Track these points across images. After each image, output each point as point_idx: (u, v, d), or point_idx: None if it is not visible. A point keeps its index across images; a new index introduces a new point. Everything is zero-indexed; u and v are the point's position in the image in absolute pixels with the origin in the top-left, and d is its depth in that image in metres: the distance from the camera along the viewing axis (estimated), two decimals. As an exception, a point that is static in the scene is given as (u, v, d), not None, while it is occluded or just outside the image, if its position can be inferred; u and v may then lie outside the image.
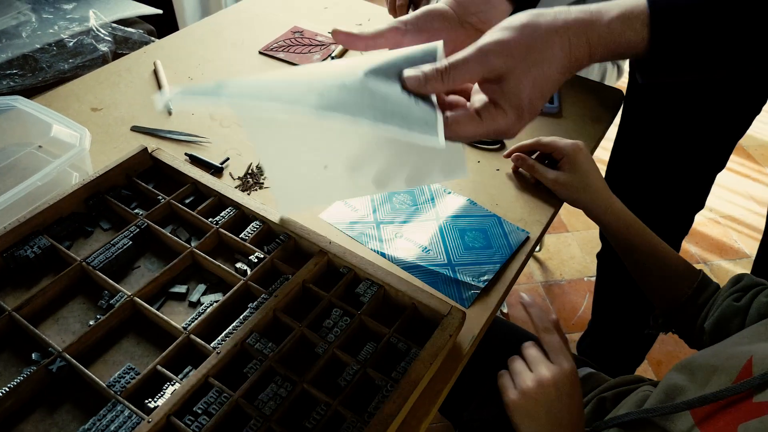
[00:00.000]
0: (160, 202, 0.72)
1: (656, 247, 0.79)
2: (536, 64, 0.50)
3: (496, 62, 0.50)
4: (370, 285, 0.65)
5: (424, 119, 0.50)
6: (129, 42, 1.77)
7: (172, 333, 0.60)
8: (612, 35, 0.51)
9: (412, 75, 0.51)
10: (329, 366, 0.59)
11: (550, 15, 0.51)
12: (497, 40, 0.50)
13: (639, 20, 0.51)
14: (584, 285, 1.83)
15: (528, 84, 0.50)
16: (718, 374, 0.58)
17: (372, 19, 1.19)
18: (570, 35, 0.50)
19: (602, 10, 0.51)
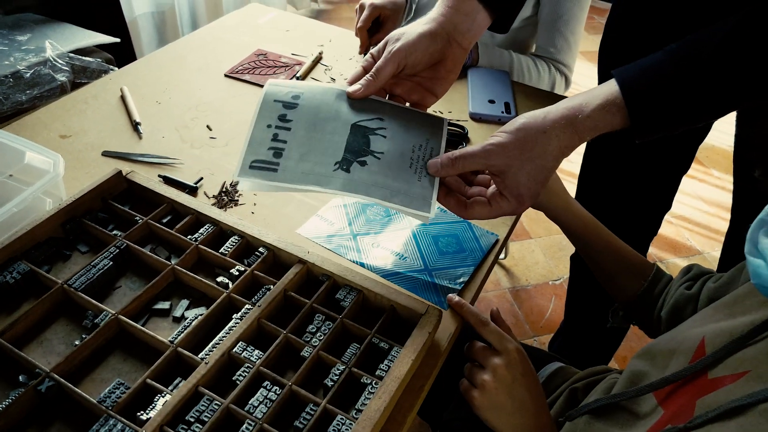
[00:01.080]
0: (137, 223, 0.74)
1: (612, 244, 0.84)
2: (530, 160, 0.62)
3: (496, 161, 0.62)
4: (349, 290, 0.68)
5: (423, 195, 0.64)
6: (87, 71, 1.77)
7: (159, 347, 0.61)
8: (595, 122, 0.62)
9: (432, 162, 0.65)
10: (315, 368, 0.61)
11: (540, 116, 0.63)
12: (497, 142, 0.62)
13: (616, 105, 0.61)
14: (549, 289, 1.89)
15: (524, 177, 0.62)
16: (676, 356, 0.62)
17: (333, 41, 1.23)
18: (558, 131, 0.62)
19: (583, 104, 0.62)
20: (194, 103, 1.02)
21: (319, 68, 1.14)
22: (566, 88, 1.33)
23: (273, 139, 0.66)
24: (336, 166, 0.65)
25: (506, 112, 1.04)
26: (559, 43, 1.25)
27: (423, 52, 0.69)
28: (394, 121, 0.69)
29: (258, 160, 0.64)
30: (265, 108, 0.68)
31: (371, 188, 0.63)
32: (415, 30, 0.69)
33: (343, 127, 0.68)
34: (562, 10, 1.22)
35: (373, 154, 0.66)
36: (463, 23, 0.71)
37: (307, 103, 0.69)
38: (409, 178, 0.65)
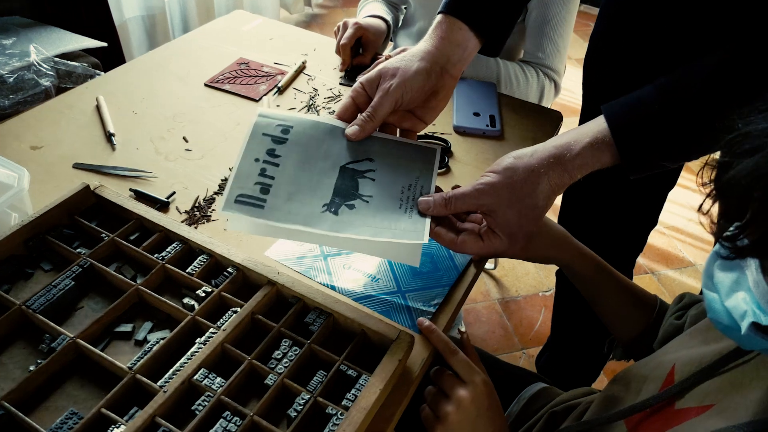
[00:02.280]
0: (103, 240, 0.71)
1: (621, 284, 0.80)
2: (519, 199, 0.62)
3: (486, 201, 0.63)
4: (319, 314, 0.65)
5: (414, 227, 0.64)
6: (73, 76, 1.75)
7: (118, 374, 0.59)
8: (584, 160, 0.62)
9: (423, 200, 0.65)
10: (279, 397, 0.59)
11: (527, 155, 0.63)
12: (487, 182, 0.63)
13: (605, 143, 0.62)
14: (539, 300, 1.87)
15: (514, 216, 0.62)
16: (647, 383, 0.60)
17: (318, 49, 1.21)
18: (547, 170, 0.62)
19: (571, 142, 0.63)
20: (171, 114, 0.99)
21: (302, 78, 1.12)
22: (556, 93, 1.31)
23: (260, 174, 0.65)
24: (324, 207, 0.64)
25: (491, 125, 1.02)
26: (548, 47, 1.23)
27: (418, 89, 0.69)
28: (383, 160, 0.69)
29: (244, 195, 0.63)
30: (254, 141, 0.67)
31: (360, 228, 0.63)
32: (410, 67, 0.68)
33: (332, 168, 0.67)
34: (550, 14, 1.20)
35: (361, 197, 0.66)
36: (455, 54, 0.71)
37: (297, 138, 0.68)
38: (398, 216, 0.65)
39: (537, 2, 1.19)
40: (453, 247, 0.67)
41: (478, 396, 0.62)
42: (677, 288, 1.95)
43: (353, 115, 0.70)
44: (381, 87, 0.68)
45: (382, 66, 0.70)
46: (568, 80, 1.57)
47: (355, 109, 0.70)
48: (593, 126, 0.64)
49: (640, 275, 1.97)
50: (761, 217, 0.38)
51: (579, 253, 0.79)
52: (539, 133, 1.04)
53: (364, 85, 0.70)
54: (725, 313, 0.45)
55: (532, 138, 1.02)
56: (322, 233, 0.62)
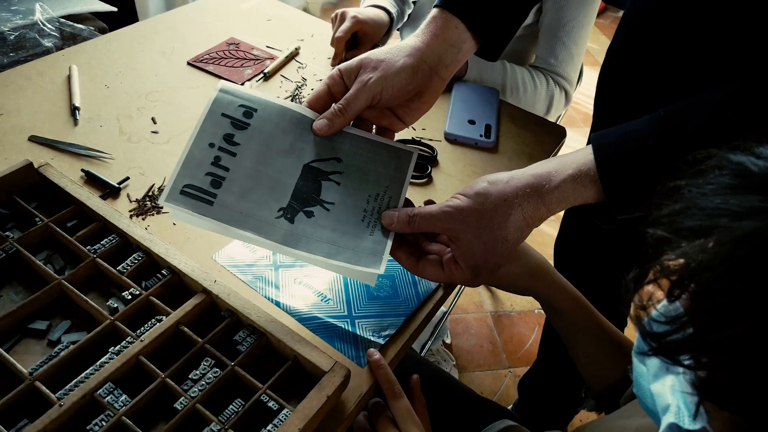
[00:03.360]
0: (36, 224, 0.66)
1: (600, 326, 0.72)
2: (486, 229, 0.55)
3: (451, 225, 0.55)
4: (251, 332, 0.59)
5: (373, 250, 0.57)
6: (77, 39, 1.70)
7: (16, 379, 0.53)
8: (565, 194, 0.55)
9: (388, 215, 0.59)
10: (187, 424, 0.53)
11: (503, 181, 0.56)
12: (456, 205, 0.55)
13: (588, 177, 0.54)
14: (534, 317, 1.79)
15: (480, 247, 0.55)
16: None
17: (315, 36, 1.14)
18: (521, 201, 0.55)
19: (552, 172, 0.55)
20: (146, 91, 0.93)
21: (293, 65, 1.05)
22: (566, 104, 1.22)
23: (213, 163, 0.57)
24: (280, 213, 0.57)
25: (485, 135, 0.94)
26: (561, 53, 1.14)
27: (400, 88, 0.61)
28: (352, 162, 0.61)
29: (192, 186, 0.56)
30: (211, 121, 0.59)
31: (315, 244, 0.57)
32: (394, 61, 0.61)
33: (294, 165, 0.60)
34: (566, 18, 1.11)
35: (322, 204, 0.59)
36: (447, 54, 0.63)
37: (260, 125, 0.60)
38: (359, 232, 0.58)
39: (552, 4, 1.10)
40: (413, 271, 0.60)
41: None
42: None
43: (326, 106, 0.62)
44: (359, 79, 0.61)
45: (365, 56, 0.62)
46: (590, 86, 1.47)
47: (329, 99, 0.63)
48: (579, 156, 0.56)
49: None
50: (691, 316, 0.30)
51: (558, 287, 0.72)
52: (538, 148, 0.96)
53: (342, 73, 0.62)
54: (648, 395, 0.37)
55: (528, 154, 0.94)
56: (273, 244, 0.56)
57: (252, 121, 0.59)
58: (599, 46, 3.24)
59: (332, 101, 0.62)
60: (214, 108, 0.59)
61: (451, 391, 0.91)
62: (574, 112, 2.72)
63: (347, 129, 0.62)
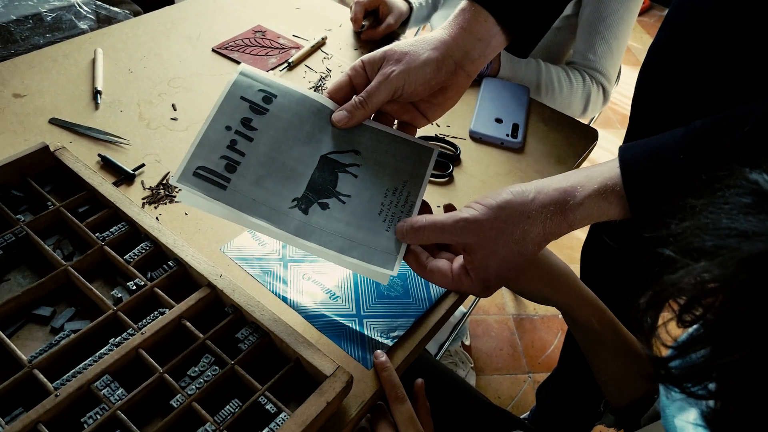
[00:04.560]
0: (48, 209, 0.66)
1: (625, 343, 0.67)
2: (506, 245, 0.52)
3: (468, 238, 0.52)
4: (253, 330, 0.58)
5: (387, 248, 0.55)
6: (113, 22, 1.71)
7: (14, 366, 0.53)
8: (589, 211, 0.51)
9: (398, 226, 0.56)
10: (182, 422, 0.52)
11: (529, 196, 0.52)
12: (473, 218, 0.52)
13: (615, 193, 0.50)
14: (557, 323, 1.74)
15: (495, 263, 0.52)
16: None
17: (343, 25, 1.11)
18: (544, 218, 0.52)
19: (577, 187, 0.52)
20: (169, 77, 0.93)
21: (318, 55, 1.03)
22: (605, 102, 1.17)
23: (230, 147, 0.56)
24: (294, 203, 0.55)
25: (512, 135, 0.90)
26: (600, 48, 1.09)
27: (424, 82, 0.59)
28: (371, 155, 0.59)
29: (205, 168, 0.54)
30: (229, 104, 0.57)
31: (328, 237, 0.55)
32: (419, 54, 0.58)
33: (311, 156, 0.58)
34: (607, 11, 1.06)
35: (338, 196, 0.57)
36: (474, 49, 0.60)
37: (279, 111, 0.58)
38: (375, 227, 0.56)
39: None
40: (421, 273, 0.57)
41: None
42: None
43: (347, 97, 0.60)
44: (382, 71, 0.58)
45: (389, 47, 0.60)
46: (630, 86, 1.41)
47: (350, 90, 0.61)
48: (605, 170, 0.52)
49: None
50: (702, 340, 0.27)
51: (581, 299, 0.68)
52: (568, 151, 0.91)
53: (365, 64, 0.60)
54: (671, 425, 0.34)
55: (557, 156, 0.90)
56: (285, 234, 0.54)
57: (271, 106, 0.58)
58: (642, 45, 3.13)
59: (353, 93, 0.59)
60: (234, 90, 0.57)
61: (463, 397, 0.89)
62: (611, 113, 2.64)
63: (367, 122, 0.60)
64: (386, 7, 1.07)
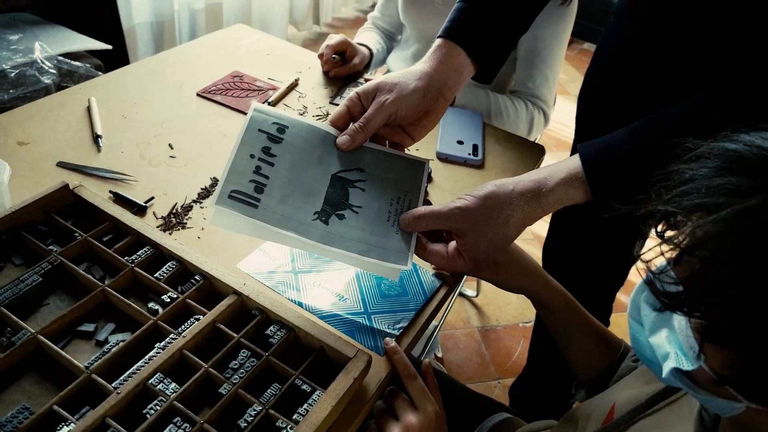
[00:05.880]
0: (76, 239, 0.72)
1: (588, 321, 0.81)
2: (492, 228, 0.64)
3: (460, 224, 0.64)
4: (280, 327, 0.66)
5: (399, 248, 0.66)
6: (74, 76, 1.77)
7: (74, 372, 0.59)
8: (559, 196, 0.64)
9: (402, 218, 0.67)
10: (232, 407, 0.59)
11: (509, 186, 0.65)
12: (464, 206, 0.64)
13: (578, 180, 0.64)
14: (519, 331, 1.87)
15: (484, 243, 0.64)
16: (591, 421, 0.61)
17: (312, 68, 1.23)
18: (523, 203, 0.65)
19: (548, 177, 0.65)
20: (161, 120, 1.01)
21: (294, 95, 1.14)
22: (546, 123, 1.34)
23: (255, 172, 0.65)
24: (315, 216, 0.65)
25: (473, 154, 1.04)
26: (538, 78, 1.26)
27: (413, 108, 0.70)
28: (373, 171, 0.70)
29: (238, 191, 0.63)
30: (250, 135, 0.67)
31: (349, 242, 0.64)
32: (407, 84, 0.70)
33: (324, 175, 0.68)
34: (540, 46, 1.23)
35: (351, 207, 0.67)
36: (451, 78, 0.73)
37: (292, 139, 0.68)
38: (386, 231, 0.67)
39: (528, 35, 1.22)
40: (422, 256, 0.68)
41: (426, 424, 0.62)
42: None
43: (346, 124, 0.71)
44: (377, 99, 0.69)
45: (380, 80, 0.71)
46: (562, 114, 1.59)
47: (349, 118, 0.71)
48: (569, 163, 0.66)
49: (620, 312, 1.98)
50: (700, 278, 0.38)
51: (549, 287, 0.80)
52: (520, 165, 1.05)
53: (360, 96, 0.71)
54: (648, 348, 0.46)
55: (513, 170, 1.04)
56: (312, 243, 0.63)
57: (285, 136, 0.68)
58: (568, 77, 3.42)
59: (351, 120, 0.70)
60: (252, 124, 0.67)
61: (450, 388, 0.98)
62: (547, 138, 2.86)
63: (366, 144, 0.71)
64: (352, 49, 1.21)
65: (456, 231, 0.64)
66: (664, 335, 0.46)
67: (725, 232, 0.38)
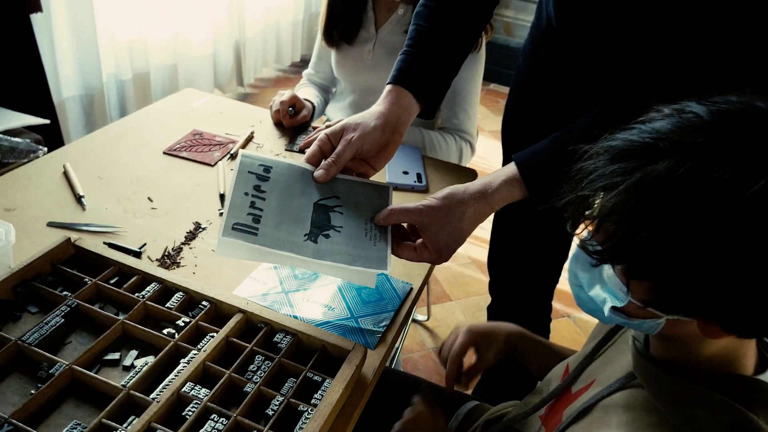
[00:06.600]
0: (86, 284, 0.80)
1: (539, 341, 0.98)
2: (450, 222, 0.79)
3: (424, 218, 0.79)
4: (285, 334, 0.77)
5: (379, 256, 0.78)
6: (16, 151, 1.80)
7: (112, 392, 0.67)
8: (502, 194, 0.80)
9: (379, 215, 0.81)
10: (258, 401, 0.69)
11: (462, 189, 0.81)
12: (428, 204, 0.79)
13: (516, 180, 0.80)
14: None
15: (444, 235, 0.78)
16: (551, 383, 0.76)
17: (263, 121, 1.37)
18: (473, 202, 0.80)
19: (492, 181, 0.81)
20: (135, 178, 1.10)
21: (252, 145, 1.26)
22: (472, 153, 1.53)
23: (251, 206, 0.77)
24: (305, 237, 0.77)
25: (418, 181, 1.20)
26: (461, 115, 1.46)
27: (375, 142, 0.85)
28: (347, 197, 0.83)
29: (240, 223, 0.75)
30: (241, 178, 0.80)
31: (336, 255, 0.77)
32: (368, 123, 0.85)
33: (308, 204, 0.81)
34: (459, 87, 1.43)
35: (334, 228, 0.80)
36: (402, 116, 0.88)
37: (277, 177, 0.81)
38: (365, 244, 0.79)
39: None
40: (396, 251, 0.81)
41: None
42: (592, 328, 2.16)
43: (319, 161, 0.84)
44: (344, 138, 0.83)
45: (345, 122, 0.86)
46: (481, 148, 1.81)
47: (321, 155, 0.84)
48: (508, 169, 0.82)
49: (558, 318, 2.17)
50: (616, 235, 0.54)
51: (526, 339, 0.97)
52: (459, 187, 1.22)
53: (329, 136, 0.85)
54: (590, 301, 0.61)
55: (454, 191, 1.20)
56: (306, 259, 0.75)
57: (271, 174, 0.80)
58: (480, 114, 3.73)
59: (323, 157, 0.84)
60: (242, 168, 0.80)
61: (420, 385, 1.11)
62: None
63: (339, 175, 0.84)
64: (300, 103, 1.36)
65: (421, 225, 0.79)
66: (599, 288, 0.61)
67: (626, 200, 0.54)
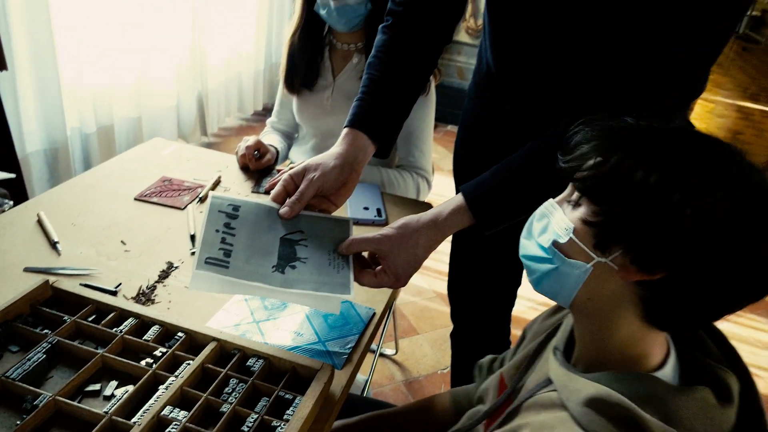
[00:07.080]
0: (66, 322, 0.85)
1: None
2: (405, 249, 0.87)
3: (382, 246, 0.87)
4: (258, 358, 0.83)
5: (342, 282, 0.85)
6: (-18, 206, 1.82)
7: (95, 420, 0.72)
8: (451, 222, 0.89)
9: (342, 245, 0.88)
10: (234, 420, 0.75)
11: (415, 219, 0.89)
12: (385, 234, 0.87)
13: (463, 209, 0.90)
14: (439, 377, 2.07)
15: (401, 261, 0.87)
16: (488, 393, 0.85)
17: (229, 167, 1.44)
18: (426, 230, 0.88)
19: (443, 210, 0.91)
20: (108, 223, 1.16)
21: (219, 189, 1.33)
22: (429, 188, 1.63)
23: (222, 242, 0.84)
24: (273, 268, 0.84)
25: (378, 216, 1.28)
26: (416, 153, 1.56)
27: (335, 181, 0.94)
28: (311, 231, 0.91)
29: (211, 258, 0.81)
30: (212, 216, 0.87)
31: (303, 284, 0.83)
32: (328, 163, 0.94)
33: (274, 239, 0.88)
34: (413, 128, 1.54)
35: (299, 260, 0.87)
36: (359, 156, 0.97)
37: (245, 215, 0.88)
38: (330, 272, 0.86)
39: None
40: (357, 277, 0.88)
41: None
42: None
43: (284, 199, 0.92)
44: (306, 177, 0.92)
45: (306, 163, 0.94)
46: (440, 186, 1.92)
47: (285, 194, 0.92)
48: (456, 199, 0.91)
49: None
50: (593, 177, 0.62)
51: None
52: (416, 220, 1.31)
53: (292, 177, 0.93)
54: (538, 246, 0.69)
55: (411, 223, 1.29)
56: (276, 288, 0.81)
57: (239, 213, 0.88)
58: (438, 155, 3.88)
59: (287, 195, 0.92)
60: (212, 208, 0.87)
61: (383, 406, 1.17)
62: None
63: (302, 212, 0.92)
64: (264, 147, 1.44)
65: (380, 253, 0.87)
66: (546, 234, 0.69)
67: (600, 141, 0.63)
